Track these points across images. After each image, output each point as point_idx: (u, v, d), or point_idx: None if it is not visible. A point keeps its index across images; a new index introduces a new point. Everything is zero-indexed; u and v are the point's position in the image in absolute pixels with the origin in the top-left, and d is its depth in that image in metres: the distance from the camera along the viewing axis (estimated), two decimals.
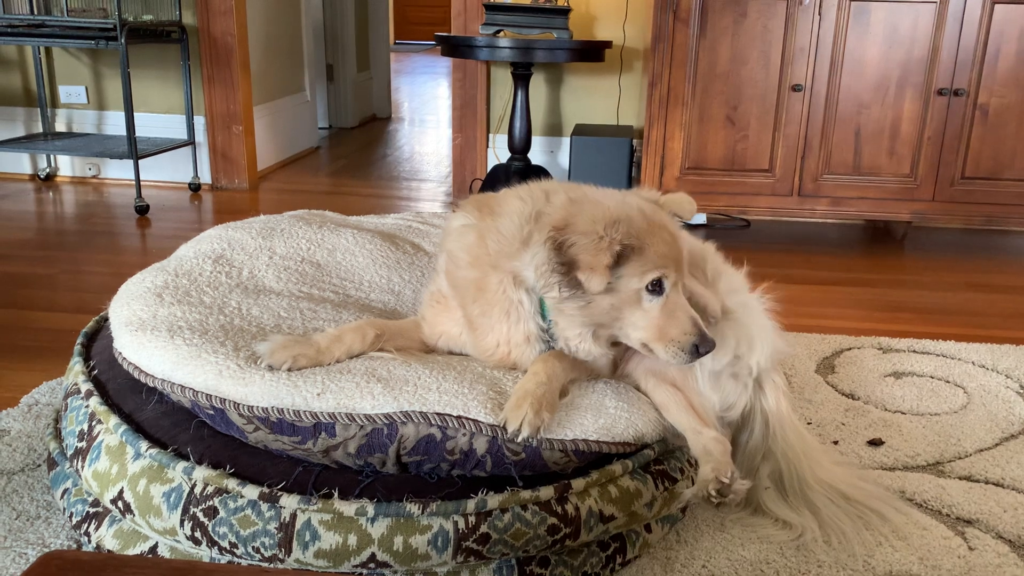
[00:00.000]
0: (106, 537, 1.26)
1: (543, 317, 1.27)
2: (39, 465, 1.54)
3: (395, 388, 1.19)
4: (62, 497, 1.36)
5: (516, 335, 1.28)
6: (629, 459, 1.27)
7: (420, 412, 1.17)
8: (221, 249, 1.62)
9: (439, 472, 1.19)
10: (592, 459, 1.24)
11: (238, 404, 1.19)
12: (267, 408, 1.18)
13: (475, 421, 1.17)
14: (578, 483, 1.20)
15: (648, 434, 1.30)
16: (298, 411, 1.18)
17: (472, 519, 1.13)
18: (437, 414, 1.17)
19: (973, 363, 2.14)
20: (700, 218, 3.60)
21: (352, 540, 1.11)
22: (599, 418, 1.24)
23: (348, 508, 1.12)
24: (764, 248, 3.26)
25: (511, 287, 1.25)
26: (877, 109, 3.01)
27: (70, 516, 1.33)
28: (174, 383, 1.24)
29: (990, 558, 1.37)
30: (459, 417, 1.17)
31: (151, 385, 1.28)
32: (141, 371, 1.28)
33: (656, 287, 1.20)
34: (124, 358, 1.32)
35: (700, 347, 1.21)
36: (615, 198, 1.26)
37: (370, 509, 1.12)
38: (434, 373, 1.23)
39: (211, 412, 1.23)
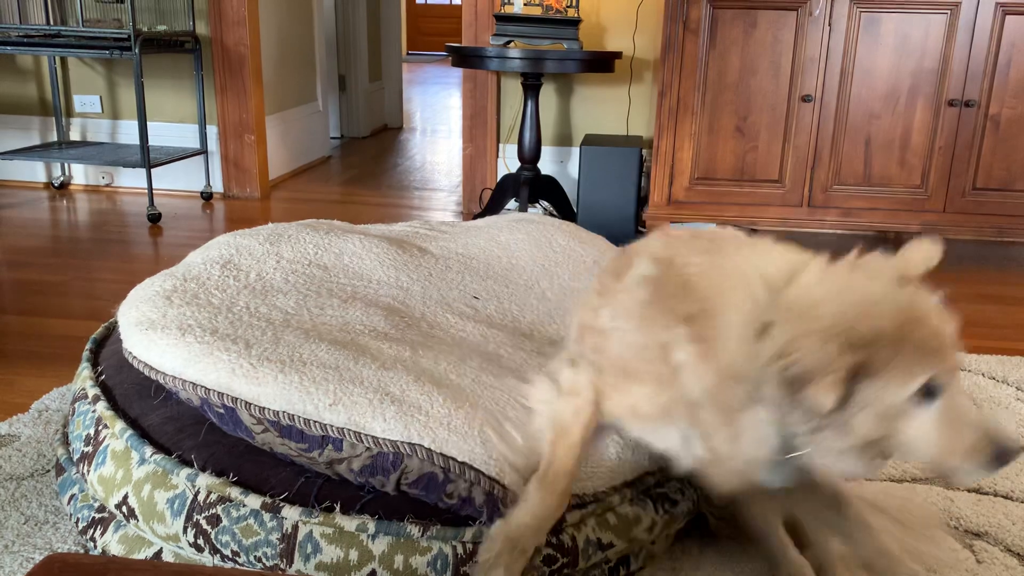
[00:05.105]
0: (111, 542, 1.27)
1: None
2: (48, 471, 1.55)
3: (407, 414, 1.17)
4: (69, 503, 1.37)
5: (751, 449, 1.06)
6: (629, 488, 1.25)
7: (427, 449, 1.15)
8: (229, 255, 1.63)
9: (435, 504, 1.17)
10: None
11: (249, 404, 1.19)
12: (278, 412, 1.18)
13: (477, 471, 1.14)
14: (573, 515, 1.18)
15: (648, 465, 1.28)
16: (309, 420, 1.17)
17: (470, 546, 1.12)
18: (443, 455, 1.14)
19: (983, 375, 2.13)
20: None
21: (353, 555, 1.11)
22: (599, 468, 1.22)
23: (349, 523, 1.12)
24: None
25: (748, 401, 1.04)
26: (887, 120, 3.01)
27: (76, 521, 1.34)
28: (185, 380, 1.25)
29: (998, 571, 1.36)
30: (463, 464, 1.14)
31: (162, 383, 1.28)
32: (152, 368, 1.29)
33: (927, 393, 0.98)
34: (135, 357, 1.32)
35: (1002, 456, 0.98)
36: (853, 289, 1.05)
37: (371, 526, 1.12)
38: (446, 402, 1.20)
39: (221, 411, 1.23)
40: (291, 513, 1.13)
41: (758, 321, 1.02)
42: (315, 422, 1.17)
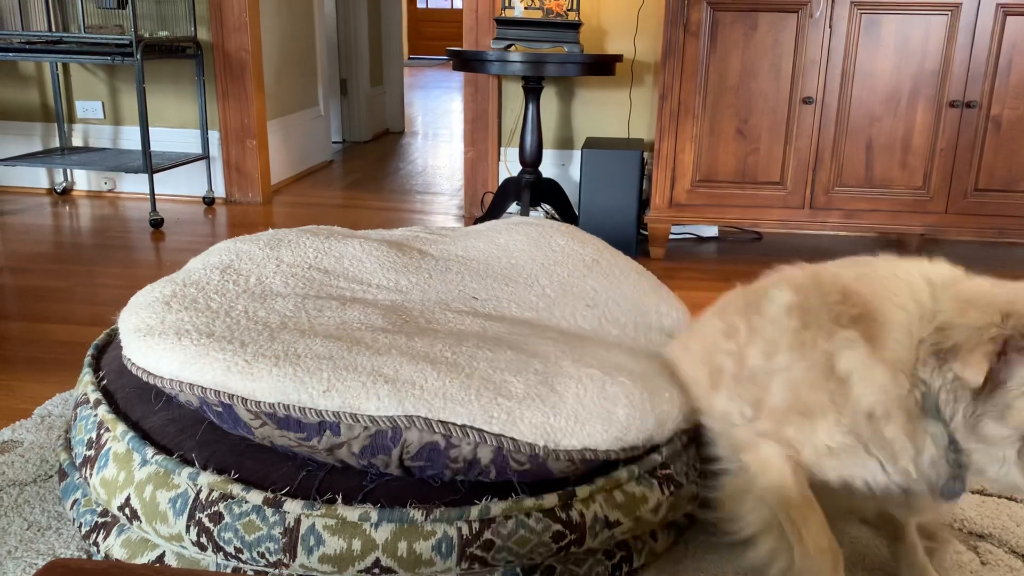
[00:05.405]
0: (114, 547, 1.27)
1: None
2: (51, 476, 1.55)
3: (401, 391, 1.19)
4: (72, 508, 1.37)
5: (928, 461, 1.04)
6: (635, 465, 1.26)
7: (424, 418, 1.16)
8: (229, 260, 1.64)
9: (442, 477, 1.19)
10: (598, 465, 1.24)
11: (245, 400, 1.20)
12: (274, 404, 1.19)
13: (479, 431, 1.16)
14: (583, 490, 1.20)
15: (657, 435, 1.28)
16: (304, 408, 1.18)
17: (476, 526, 1.13)
18: (441, 422, 1.16)
19: None
20: (712, 231, 3.60)
21: (356, 545, 1.12)
22: (609, 428, 1.22)
23: (352, 513, 1.12)
24: (776, 261, 3.24)
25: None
26: (889, 121, 3.01)
27: (79, 527, 1.34)
28: (183, 382, 1.25)
29: (1003, 573, 1.35)
30: (463, 426, 1.16)
31: (160, 387, 1.29)
32: (150, 374, 1.29)
33: None
34: (133, 363, 1.33)
35: None
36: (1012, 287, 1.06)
37: (374, 515, 1.12)
38: (441, 376, 1.22)
39: (219, 409, 1.23)
40: (293, 507, 1.13)
41: (927, 313, 1.02)
42: (310, 409, 1.18)
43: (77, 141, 4.10)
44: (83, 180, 4.13)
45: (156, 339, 1.31)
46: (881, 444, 1.05)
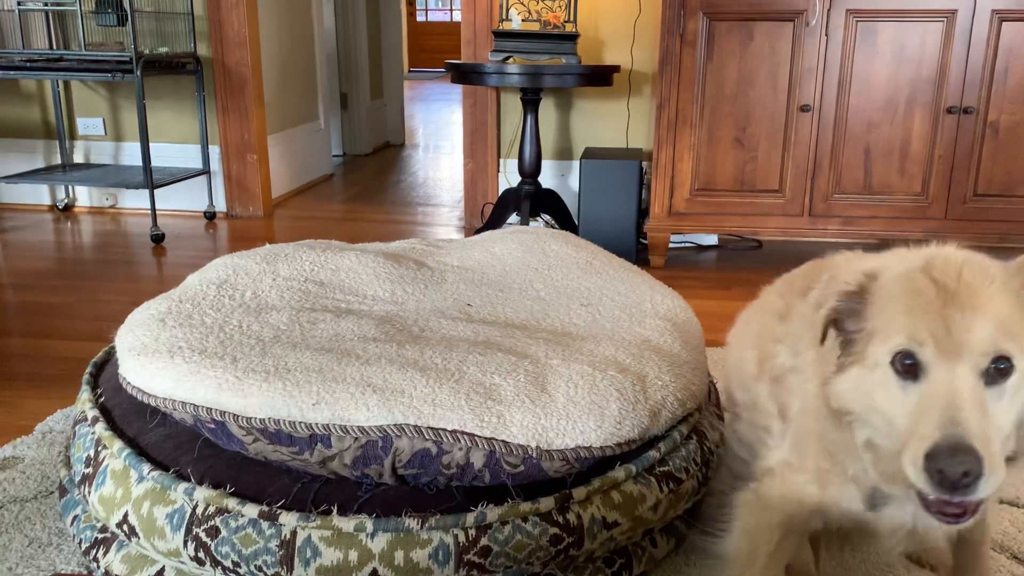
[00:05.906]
0: (114, 562, 1.27)
1: None
2: (51, 492, 1.56)
3: (390, 399, 1.19)
4: (72, 524, 1.38)
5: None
6: (633, 463, 1.25)
7: (414, 426, 1.16)
8: (226, 275, 1.64)
9: (437, 484, 1.19)
10: (595, 464, 1.23)
11: (237, 416, 1.20)
12: (264, 419, 1.19)
13: (471, 435, 1.16)
14: (579, 492, 1.19)
15: (653, 426, 1.27)
16: (294, 422, 1.18)
17: (472, 532, 1.13)
18: (431, 428, 1.16)
19: None
20: (711, 239, 3.60)
21: (353, 556, 1.12)
22: (602, 424, 1.21)
23: (347, 524, 1.13)
24: (776, 269, 3.23)
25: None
26: (887, 128, 3.01)
27: (79, 543, 1.35)
28: (176, 400, 1.25)
29: None
30: (454, 432, 1.16)
31: (155, 406, 1.29)
32: (144, 393, 1.30)
33: (906, 367, 0.83)
34: (128, 382, 1.33)
35: (944, 481, 0.76)
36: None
37: (369, 525, 1.12)
38: (430, 382, 1.22)
39: (212, 426, 1.24)
40: (289, 519, 1.13)
41: None
42: (300, 423, 1.18)
43: (78, 158, 4.12)
44: (84, 196, 4.15)
45: (150, 357, 1.31)
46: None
